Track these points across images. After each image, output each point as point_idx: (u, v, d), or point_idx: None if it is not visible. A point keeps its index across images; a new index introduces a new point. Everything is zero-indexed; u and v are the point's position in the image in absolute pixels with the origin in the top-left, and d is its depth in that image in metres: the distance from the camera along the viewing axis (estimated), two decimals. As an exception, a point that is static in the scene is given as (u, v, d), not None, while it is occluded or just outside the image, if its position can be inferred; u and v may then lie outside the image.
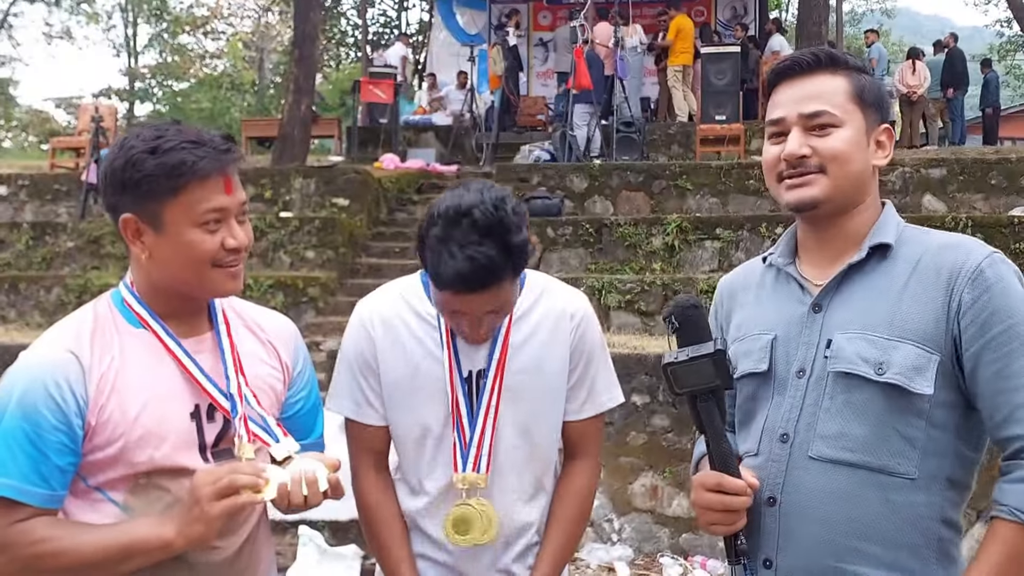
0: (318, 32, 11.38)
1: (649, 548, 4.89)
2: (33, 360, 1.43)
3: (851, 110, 1.46)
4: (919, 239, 1.47)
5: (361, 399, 1.76)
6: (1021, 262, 6.23)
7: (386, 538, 1.74)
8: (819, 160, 1.45)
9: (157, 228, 1.45)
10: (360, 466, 1.78)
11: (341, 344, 1.84)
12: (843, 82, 1.47)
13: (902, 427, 1.38)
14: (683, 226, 7.17)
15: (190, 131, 1.48)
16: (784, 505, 1.44)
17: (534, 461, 1.75)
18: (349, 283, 7.15)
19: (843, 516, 1.39)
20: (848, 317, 1.43)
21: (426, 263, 1.60)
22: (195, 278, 1.48)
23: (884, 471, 1.38)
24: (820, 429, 1.42)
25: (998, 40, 25.50)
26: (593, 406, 1.79)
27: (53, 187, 8.77)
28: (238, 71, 27.03)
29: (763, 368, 1.50)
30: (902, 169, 8.17)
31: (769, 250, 1.63)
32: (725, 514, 1.43)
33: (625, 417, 4.99)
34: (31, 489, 1.37)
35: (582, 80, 9.65)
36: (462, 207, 1.54)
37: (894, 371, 1.38)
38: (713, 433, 1.43)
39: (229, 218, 1.48)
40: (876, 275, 1.45)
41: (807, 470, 1.42)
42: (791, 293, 1.52)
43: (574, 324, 1.77)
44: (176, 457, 1.46)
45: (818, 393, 1.43)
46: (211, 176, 1.44)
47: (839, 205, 1.48)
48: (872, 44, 13.42)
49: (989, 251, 1.41)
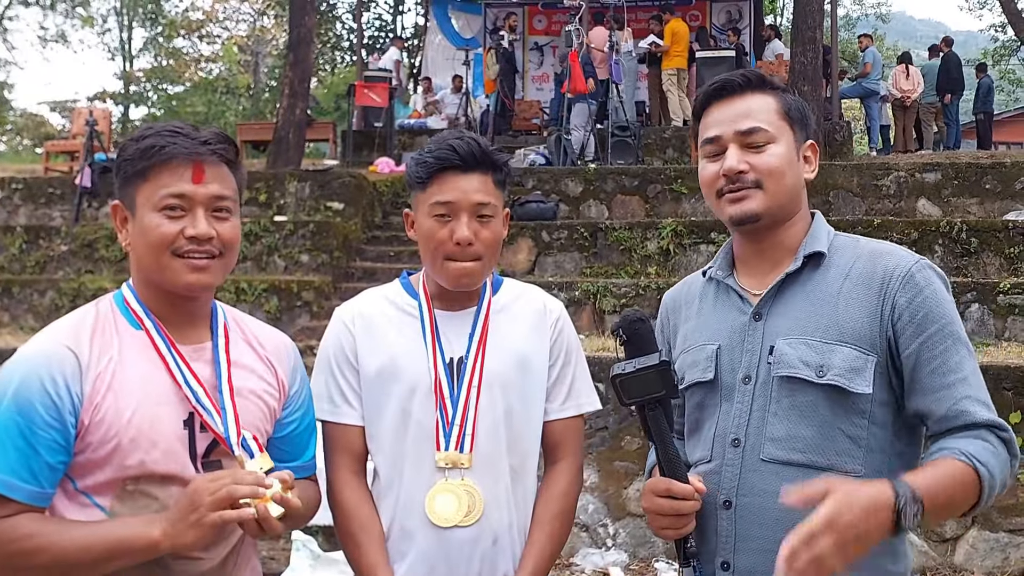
0: (313, 36, 11.39)
1: (644, 553, 4.89)
2: (31, 354, 1.42)
3: (782, 127, 1.55)
4: (850, 247, 1.55)
5: (339, 398, 1.76)
6: (1016, 266, 6.23)
7: (363, 541, 1.73)
8: (756, 175, 1.52)
9: (133, 212, 1.48)
10: (337, 469, 1.77)
11: (320, 346, 1.84)
12: (772, 100, 1.56)
13: (846, 427, 1.45)
14: (678, 230, 7.19)
15: (185, 126, 1.50)
16: (739, 508, 1.49)
17: (514, 451, 1.75)
18: (343, 287, 7.15)
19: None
20: (788, 324, 1.50)
21: (412, 169, 1.73)
22: (155, 265, 1.47)
23: (832, 469, 1.43)
24: (769, 432, 1.48)
25: (992, 45, 25.60)
26: (574, 406, 1.82)
27: (47, 191, 8.76)
28: (233, 75, 27.01)
29: (709, 377, 1.56)
30: (897, 173, 8.20)
31: (708, 264, 1.70)
32: (674, 518, 1.49)
33: (620, 422, 5.00)
34: (19, 484, 1.36)
35: (577, 84, 9.66)
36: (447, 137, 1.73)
37: (834, 373, 1.44)
38: (661, 441, 1.48)
39: (195, 207, 1.46)
40: (811, 283, 1.52)
41: (759, 473, 1.48)
42: (732, 304, 1.59)
43: (553, 319, 1.82)
44: (167, 463, 1.45)
45: (765, 398, 1.49)
46: (176, 160, 1.44)
47: (776, 218, 1.55)
48: (866, 48, 13.47)
49: (918, 258, 1.50)
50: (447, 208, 1.68)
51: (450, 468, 1.70)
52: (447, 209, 1.69)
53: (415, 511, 1.71)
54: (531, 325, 1.80)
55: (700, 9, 14.65)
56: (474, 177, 1.70)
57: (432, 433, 1.71)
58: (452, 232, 1.68)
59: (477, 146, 1.71)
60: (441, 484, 1.69)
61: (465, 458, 1.70)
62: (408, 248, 7.79)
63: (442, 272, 1.72)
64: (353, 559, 1.75)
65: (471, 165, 1.69)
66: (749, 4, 14.60)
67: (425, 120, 13.00)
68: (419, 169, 1.71)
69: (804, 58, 9.68)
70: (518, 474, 1.76)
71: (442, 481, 1.70)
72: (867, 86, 12.99)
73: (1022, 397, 4.71)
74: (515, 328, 1.78)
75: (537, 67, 14.44)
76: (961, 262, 6.92)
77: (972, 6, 27.35)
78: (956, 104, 13.34)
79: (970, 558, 4.59)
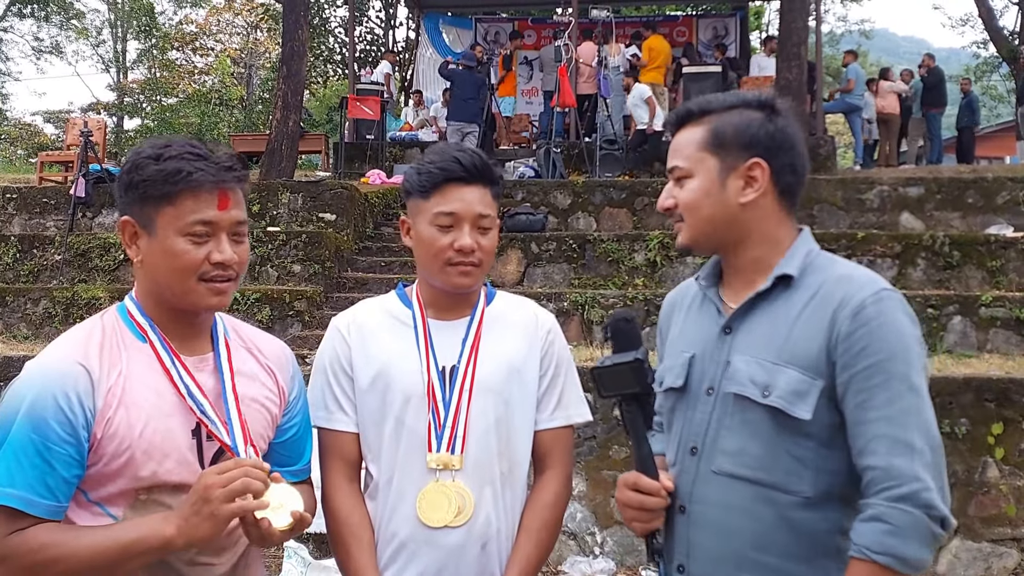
0: (306, 49, 11.46)
1: (631, 561, 4.90)
2: (43, 370, 1.43)
3: (700, 158, 1.55)
4: (824, 268, 1.51)
5: (333, 405, 1.79)
6: (997, 279, 6.33)
7: (353, 547, 1.75)
8: (680, 210, 1.58)
9: (150, 233, 1.47)
10: (331, 475, 1.79)
11: (316, 354, 1.87)
12: (700, 131, 1.56)
13: (791, 447, 1.44)
14: (665, 242, 7.26)
15: (200, 146, 1.50)
16: (692, 515, 1.52)
17: (504, 458, 1.77)
18: (335, 297, 7.20)
19: (743, 528, 1.47)
20: (748, 341, 1.51)
21: (414, 179, 1.78)
22: (179, 288, 1.48)
23: (778, 488, 1.45)
24: (722, 445, 1.50)
25: (974, 62, 25.92)
26: (563, 416, 1.84)
27: (41, 200, 8.76)
28: (226, 87, 27.03)
29: (679, 384, 1.58)
30: (880, 188, 8.31)
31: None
32: (641, 512, 1.53)
33: (608, 431, 5.04)
34: (37, 500, 1.37)
35: (566, 98, 9.79)
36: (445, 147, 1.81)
37: (777, 394, 1.44)
38: (635, 436, 1.53)
39: (219, 233, 1.48)
40: (778, 303, 1.51)
41: (711, 483, 1.50)
42: (710, 315, 1.61)
43: (544, 330, 1.86)
44: (179, 473, 1.47)
45: (722, 411, 1.52)
46: (204, 188, 1.46)
47: (711, 246, 1.60)
48: (848, 65, 13.65)
49: (880, 287, 1.44)
50: (451, 218, 1.73)
51: (441, 469, 1.72)
52: (451, 219, 1.73)
53: (406, 513, 1.73)
54: (523, 336, 1.83)
55: (687, 25, 14.86)
56: (476, 189, 1.75)
57: (424, 437, 1.73)
58: (454, 240, 1.73)
59: (480, 159, 1.77)
60: (432, 485, 1.72)
61: (456, 459, 1.72)
62: (400, 258, 7.85)
63: (441, 276, 1.76)
64: (344, 565, 1.77)
65: (474, 177, 1.75)
66: (735, 20, 14.81)
67: (416, 133, 13.09)
68: (423, 179, 1.75)
69: (789, 74, 9.83)
70: (508, 481, 1.78)
71: (433, 482, 1.72)
72: (850, 102, 13.17)
73: (1004, 408, 4.76)
74: (507, 338, 1.81)
75: (527, 81, 14.56)
76: (943, 275, 7.02)
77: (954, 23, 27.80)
78: (938, 119, 13.53)
79: (953, 568, 4.62)
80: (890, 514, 1.34)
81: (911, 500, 1.34)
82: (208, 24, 28.10)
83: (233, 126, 22.95)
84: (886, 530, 1.33)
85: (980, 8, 17.75)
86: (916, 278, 7.01)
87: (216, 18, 28.04)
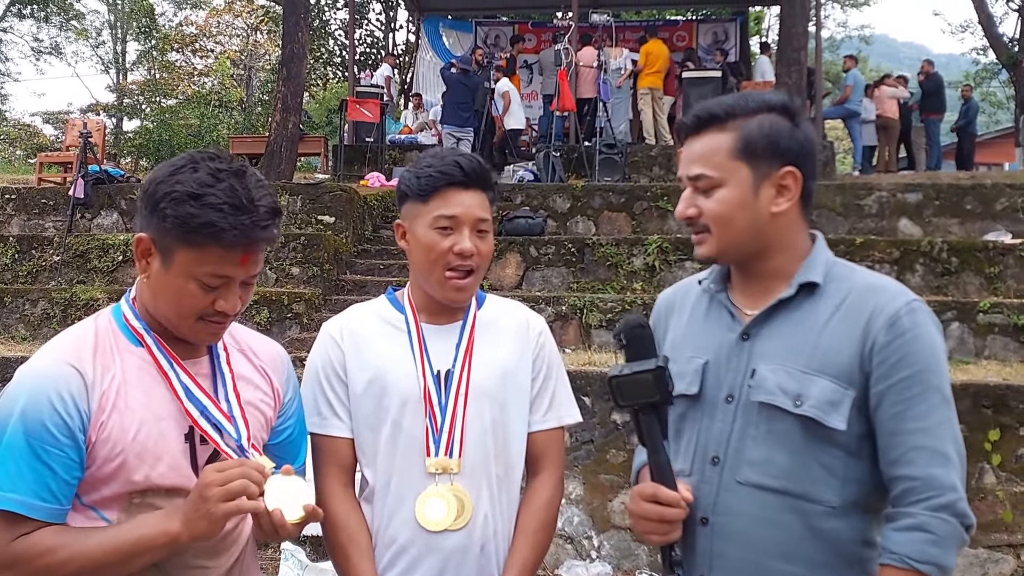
0: (306, 52, 11.48)
1: (628, 565, 4.91)
2: (36, 374, 1.42)
3: (732, 167, 1.49)
4: (847, 277, 1.51)
5: (327, 410, 1.79)
6: (995, 286, 6.33)
7: (351, 552, 1.75)
8: (705, 220, 1.52)
9: (165, 262, 1.46)
10: (326, 480, 1.79)
11: (308, 360, 1.87)
12: (728, 138, 1.49)
13: (820, 456, 1.43)
14: (664, 247, 7.28)
15: (243, 190, 1.43)
16: (715, 526, 1.49)
17: (500, 461, 1.79)
18: (334, 299, 7.20)
19: (769, 539, 1.45)
20: (773, 348, 1.48)
21: (412, 182, 1.77)
22: (177, 321, 1.48)
23: (806, 498, 1.44)
24: (747, 455, 1.48)
25: (974, 68, 25.98)
26: (555, 417, 1.86)
27: (40, 201, 8.76)
28: (226, 89, 27.05)
29: (694, 391, 1.55)
30: (878, 194, 8.32)
31: (705, 273, 1.67)
32: (659, 524, 1.48)
33: (605, 435, 5.04)
34: (38, 504, 1.37)
35: (566, 102, 9.80)
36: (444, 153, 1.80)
37: (810, 404, 1.43)
38: (653, 446, 1.47)
39: (232, 284, 1.47)
40: (802, 310, 1.49)
41: (735, 494, 1.48)
42: (722, 320, 1.57)
43: (536, 333, 1.88)
44: (172, 477, 1.47)
45: (745, 420, 1.49)
46: (233, 249, 1.43)
47: (739, 256, 1.54)
48: (849, 70, 13.67)
49: (911, 298, 1.45)
50: (451, 222, 1.74)
51: (440, 473, 1.73)
52: (451, 223, 1.74)
53: (405, 517, 1.73)
54: (515, 339, 1.84)
55: (687, 30, 14.89)
56: (475, 193, 1.76)
57: (422, 442, 1.74)
58: (454, 244, 1.73)
59: (479, 164, 1.78)
60: (431, 489, 1.72)
61: (454, 463, 1.73)
62: (398, 261, 7.85)
63: (439, 284, 1.76)
64: (342, 569, 1.77)
65: (473, 182, 1.76)
66: (735, 25, 14.84)
67: (416, 136, 13.11)
68: (422, 182, 1.75)
69: (789, 79, 9.86)
70: (504, 483, 1.79)
71: (432, 486, 1.72)
72: (849, 107, 13.20)
73: (1001, 415, 4.77)
74: (499, 342, 1.82)
75: (527, 85, 14.59)
76: (942, 281, 7.02)
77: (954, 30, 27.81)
78: (937, 125, 13.55)
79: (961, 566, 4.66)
80: (932, 523, 1.36)
81: (949, 509, 1.36)
82: (208, 26, 28.12)
83: (232, 128, 22.95)
84: (929, 539, 1.35)
85: (980, 14, 17.82)
86: (914, 284, 7.01)
87: (216, 20, 28.06)
